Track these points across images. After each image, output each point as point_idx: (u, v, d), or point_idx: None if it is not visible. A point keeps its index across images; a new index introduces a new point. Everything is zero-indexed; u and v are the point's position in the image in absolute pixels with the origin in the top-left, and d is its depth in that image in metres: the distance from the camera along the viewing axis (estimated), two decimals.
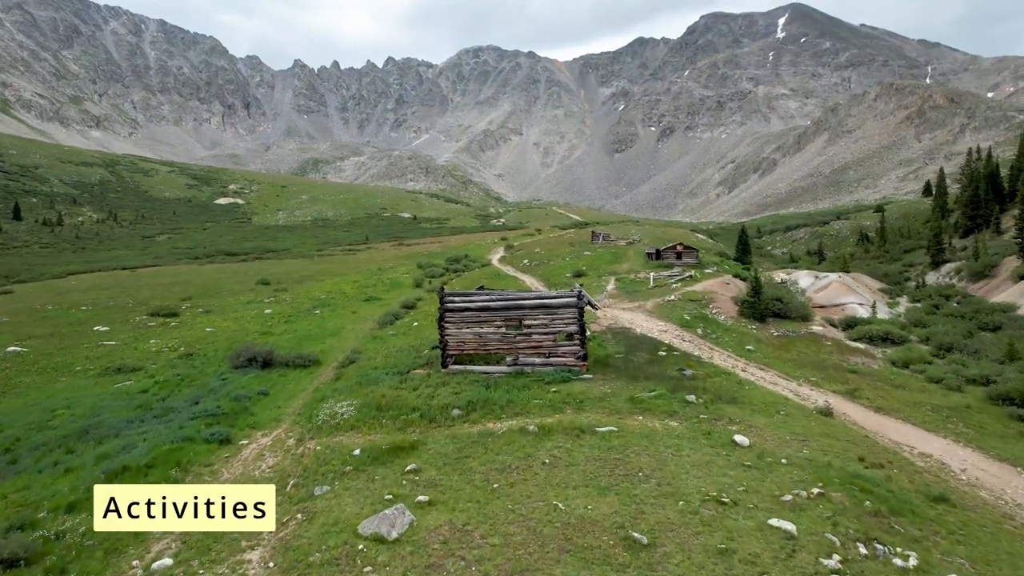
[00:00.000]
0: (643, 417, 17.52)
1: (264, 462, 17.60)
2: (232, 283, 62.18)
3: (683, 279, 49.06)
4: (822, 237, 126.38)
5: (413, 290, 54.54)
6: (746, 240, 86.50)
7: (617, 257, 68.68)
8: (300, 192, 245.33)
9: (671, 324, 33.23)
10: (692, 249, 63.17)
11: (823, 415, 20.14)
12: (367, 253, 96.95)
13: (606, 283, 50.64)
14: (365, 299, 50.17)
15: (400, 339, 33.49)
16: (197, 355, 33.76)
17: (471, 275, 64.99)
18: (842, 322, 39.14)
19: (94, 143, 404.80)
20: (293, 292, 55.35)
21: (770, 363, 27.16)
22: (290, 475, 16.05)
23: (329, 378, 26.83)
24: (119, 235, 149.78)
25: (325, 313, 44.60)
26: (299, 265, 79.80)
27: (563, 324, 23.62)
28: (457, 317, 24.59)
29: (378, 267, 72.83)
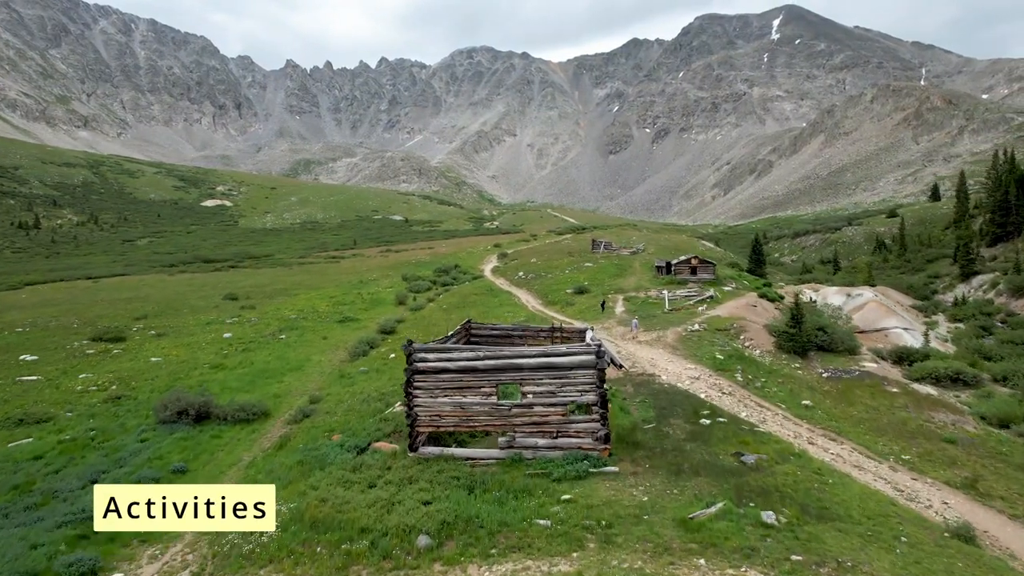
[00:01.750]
0: (705, 561, 11.63)
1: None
2: (197, 298, 56.45)
3: (703, 300, 43.77)
4: (835, 244, 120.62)
5: (394, 309, 49.09)
6: (760, 250, 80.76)
7: (621, 270, 63.24)
8: (290, 194, 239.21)
9: (702, 367, 27.91)
10: (708, 263, 57.48)
11: (963, 541, 14.15)
12: (351, 261, 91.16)
13: (614, 304, 45.16)
14: (340, 320, 44.80)
15: (370, 381, 28.11)
16: (127, 398, 28.12)
17: (460, 289, 59.48)
18: (892, 353, 33.74)
19: (81, 143, 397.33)
20: (261, 310, 49.73)
21: (840, 428, 21.57)
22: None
23: (273, 443, 21.33)
24: (98, 239, 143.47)
25: (291, 339, 39.02)
26: (275, 276, 73.99)
27: (576, 391, 17.63)
28: (431, 381, 18.50)
29: (360, 279, 67.22)
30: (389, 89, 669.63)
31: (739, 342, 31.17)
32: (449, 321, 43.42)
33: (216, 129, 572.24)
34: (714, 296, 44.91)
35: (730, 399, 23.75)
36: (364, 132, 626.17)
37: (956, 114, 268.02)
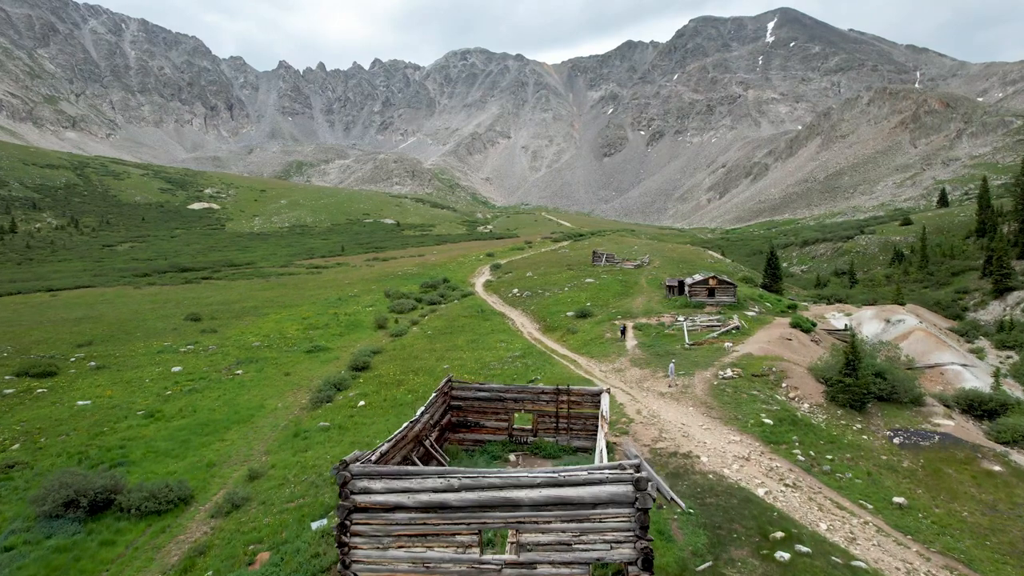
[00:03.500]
0: None
1: None
2: (157, 317, 51.20)
3: (727, 331, 38.20)
4: (848, 254, 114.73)
5: (373, 335, 44.00)
6: (776, 264, 74.40)
7: (627, 287, 58.26)
8: (280, 196, 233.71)
9: (749, 438, 22.74)
10: (728, 284, 51.92)
11: None
12: (334, 272, 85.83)
13: (622, 332, 40.07)
14: (308, 350, 40.00)
15: (329, 444, 23.43)
16: (22, 467, 23.18)
17: (449, 310, 54.36)
18: (959, 400, 28.87)
19: (69, 144, 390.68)
20: (224, 334, 44.62)
21: (967, 553, 16.30)
22: None
23: (181, 558, 16.12)
24: (76, 244, 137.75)
25: (248, 376, 34.02)
26: (248, 290, 68.67)
27: (603, 543, 11.80)
28: (378, 524, 12.43)
29: (339, 295, 62.09)
30: (382, 90, 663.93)
31: (782, 393, 26.18)
32: (433, 352, 38.39)
33: (207, 130, 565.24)
34: (740, 327, 39.34)
35: (797, 496, 18.66)
36: (357, 134, 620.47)
37: (954, 117, 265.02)
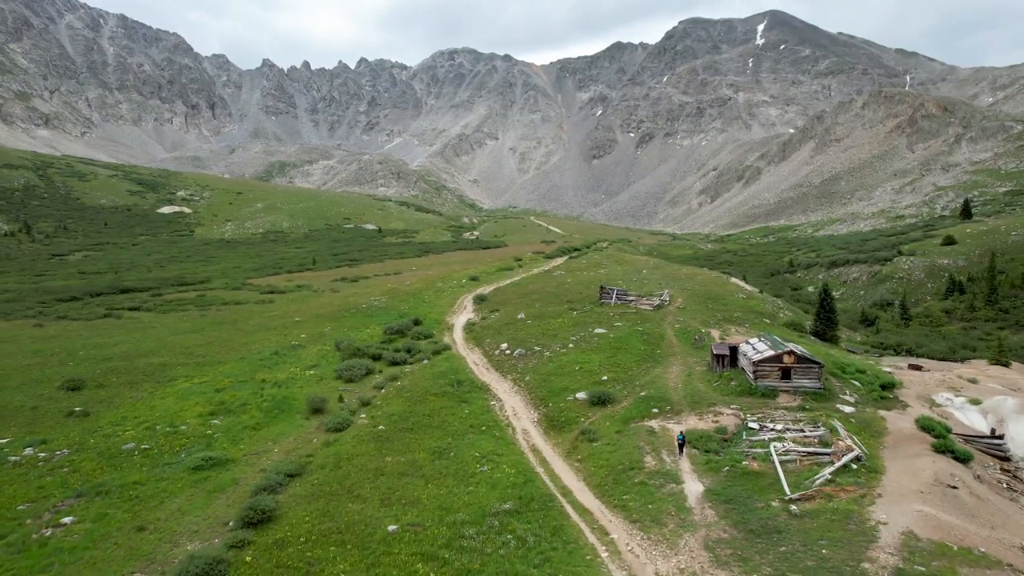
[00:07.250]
0: None
1: None
2: (26, 383, 40.61)
3: (843, 465, 26.63)
4: (888, 280, 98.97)
5: (301, 428, 34.23)
6: (831, 307, 58.61)
7: (652, 345, 47.27)
8: (257, 199, 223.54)
9: None
10: (811, 363, 38.85)
11: None
12: (289, 301, 75.49)
13: (680, 447, 29.63)
14: (196, 466, 29.50)
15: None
16: None
17: (414, 377, 44.50)
18: None
19: (40, 143, 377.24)
20: (96, 420, 34.39)
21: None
22: None
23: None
24: (23, 253, 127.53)
25: (74, 536, 23.70)
26: (171, 332, 57.68)
27: None
28: None
29: (278, 346, 51.45)
30: (368, 90, 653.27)
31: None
32: (379, 481, 28.28)
33: (188, 129, 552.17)
34: (863, 461, 27.45)
35: None
36: (342, 134, 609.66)
37: (952, 122, 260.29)
